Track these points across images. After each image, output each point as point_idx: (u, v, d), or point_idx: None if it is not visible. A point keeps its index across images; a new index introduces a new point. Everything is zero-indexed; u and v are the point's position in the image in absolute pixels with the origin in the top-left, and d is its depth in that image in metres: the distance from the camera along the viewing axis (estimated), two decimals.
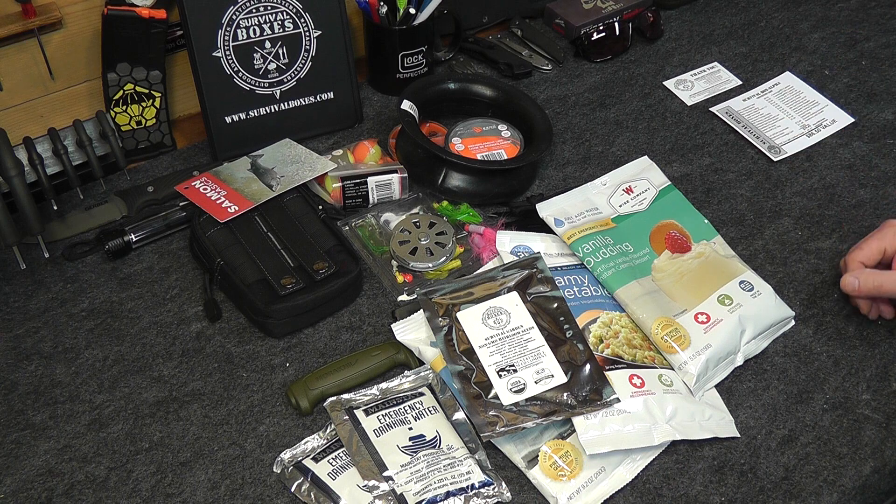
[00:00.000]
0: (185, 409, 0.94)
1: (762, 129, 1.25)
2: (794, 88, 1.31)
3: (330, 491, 0.84)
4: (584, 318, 0.96)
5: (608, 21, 1.38)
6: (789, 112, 1.28)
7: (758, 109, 1.28)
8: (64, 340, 1.01)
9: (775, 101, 1.29)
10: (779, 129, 1.25)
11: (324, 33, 1.19)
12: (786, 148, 1.22)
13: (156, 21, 1.12)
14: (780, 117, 1.27)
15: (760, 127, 1.25)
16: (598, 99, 1.31)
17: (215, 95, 1.18)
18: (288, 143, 1.18)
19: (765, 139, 1.23)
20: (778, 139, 1.23)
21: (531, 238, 1.05)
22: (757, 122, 1.26)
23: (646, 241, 1.04)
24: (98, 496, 0.87)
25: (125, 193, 1.15)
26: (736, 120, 1.26)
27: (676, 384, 0.92)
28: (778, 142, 1.23)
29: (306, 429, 0.92)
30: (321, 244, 1.04)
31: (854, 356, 0.98)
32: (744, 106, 1.29)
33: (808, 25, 1.44)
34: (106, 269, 1.08)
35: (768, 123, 1.26)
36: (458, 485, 0.84)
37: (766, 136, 1.24)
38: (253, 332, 1.01)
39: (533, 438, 0.88)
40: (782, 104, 1.29)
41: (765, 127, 1.25)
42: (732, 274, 1.00)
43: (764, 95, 1.31)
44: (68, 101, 1.17)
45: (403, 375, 0.95)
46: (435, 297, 0.97)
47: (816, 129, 1.25)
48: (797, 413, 0.93)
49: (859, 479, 0.88)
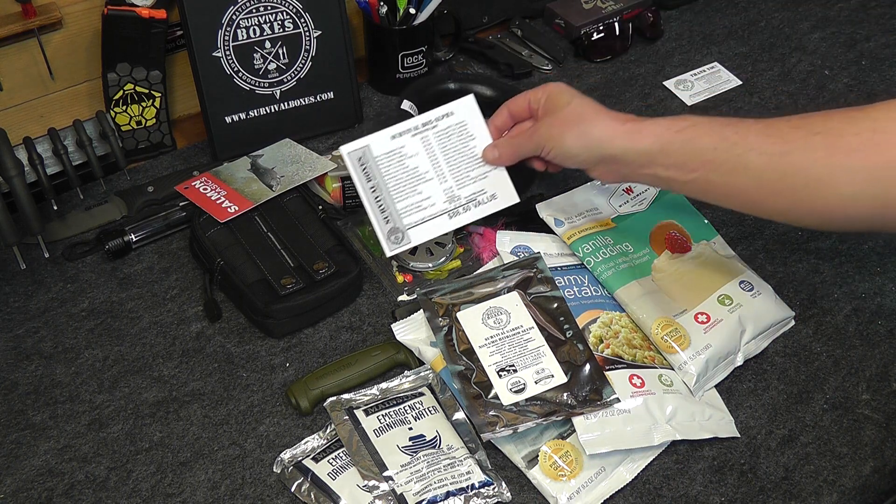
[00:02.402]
0: (185, 409, 0.94)
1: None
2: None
3: (330, 491, 0.84)
4: (584, 318, 0.96)
5: (608, 21, 1.38)
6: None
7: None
8: (64, 340, 1.01)
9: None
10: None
11: (324, 33, 1.19)
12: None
13: (156, 21, 1.12)
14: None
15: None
16: (598, 99, 1.28)
17: (215, 95, 1.18)
18: (288, 143, 1.18)
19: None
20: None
21: (531, 238, 1.05)
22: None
23: (646, 241, 1.04)
24: (98, 496, 0.87)
25: (125, 193, 1.15)
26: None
27: (676, 384, 0.92)
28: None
29: (306, 429, 0.92)
30: (321, 244, 1.04)
31: (854, 356, 0.98)
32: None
33: (808, 25, 1.44)
34: (106, 269, 1.08)
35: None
36: (458, 485, 0.84)
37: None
38: (253, 332, 1.01)
39: (533, 438, 0.88)
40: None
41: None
42: (732, 274, 1.00)
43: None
44: (68, 101, 1.17)
45: (403, 375, 0.95)
46: (435, 297, 0.97)
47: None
48: (797, 413, 0.93)
49: (859, 479, 0.88)
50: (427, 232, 1.00)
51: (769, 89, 1.32)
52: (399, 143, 0.99)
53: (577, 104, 0.92)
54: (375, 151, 0.99)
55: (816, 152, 0.80)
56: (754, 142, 0.82)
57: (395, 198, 0.98)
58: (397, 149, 0.99)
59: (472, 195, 1.00)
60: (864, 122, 0.79)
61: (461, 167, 1.00)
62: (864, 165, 0.78)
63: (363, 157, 0.98)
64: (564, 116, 0.92)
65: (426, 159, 1.00)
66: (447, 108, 1.01)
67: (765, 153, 0.82)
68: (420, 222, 0.99)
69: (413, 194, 0.99)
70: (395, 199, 0.98)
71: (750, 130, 0.83)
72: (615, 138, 0.89)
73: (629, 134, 0.89)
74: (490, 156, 0.99)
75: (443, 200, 1.00)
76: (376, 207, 0.98)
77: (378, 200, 0.98)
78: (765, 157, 0.82)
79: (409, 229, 0.99)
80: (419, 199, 0.99)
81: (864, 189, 0.79)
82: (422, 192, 0.99)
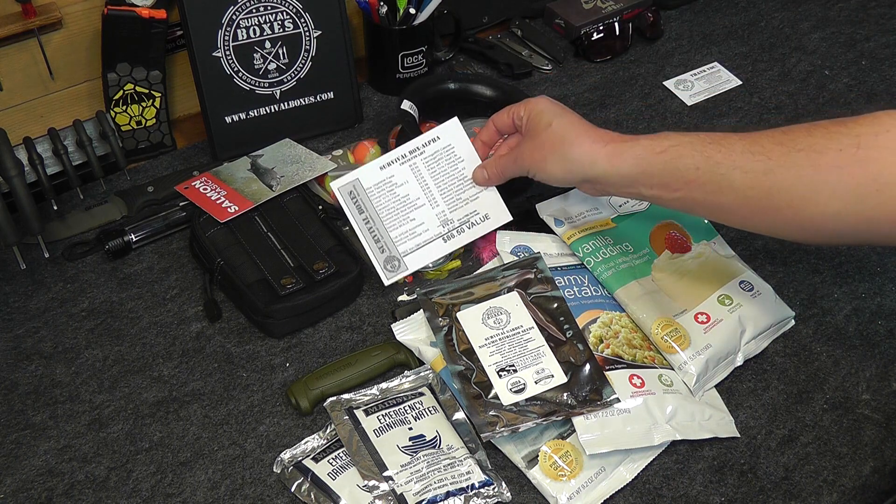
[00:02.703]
0: (185, 409, 0.94)
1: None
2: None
3: (330, 491, 0.84)
4: (584, 318, 0.96)
5: (608, 21, 1.38)
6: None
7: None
8: (64, 340, 1.01)
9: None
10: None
11: (324, 33, 1.19)
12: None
13: (156, 21, 1.12)
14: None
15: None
16: (598, 99, 1.31)
17: (215, 95, 1.18)
18: (288, 143, 1.18)
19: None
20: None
21: (531, 238, 1.05)
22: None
23: (646, 241, 1.04)
24: (98, 496, 0.87)
25: (125, 193, 1.15)
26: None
27: (676, 384, 0.92)
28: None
29: (306, 429, 0.92)
30: (321, 244, 1.04)
31: (854, 356, 0.98)
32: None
33: (808, 25, 1.44)
34: (106, 269, 1.08)
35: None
36: (458, 485, 0.84)
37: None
38: (253, 332, 1.01)
39: (533, 438, 0.88)
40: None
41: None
42: (732, 274, 1.00)
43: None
44: (68, 101, 1.17)
45: (403, 375, 0.95)
46: (435, 297, 0.97)
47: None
48: (797, 413, 0.93)
49: (859, 479, 0.88)
50: (423, 258, 1.02)
51: (769, 89, 1.32)
52: (388, 172, 1.01)
53: (558, 126, 0.93)
54: (365, 183, 1.01)
55: (800, 169, 0.79)
56: (738, 160, 0.82)
57: (388, 227, 1.00)
58: (387, 178, 1.01)
59: (464, 217, 1.03)
60: (847, 137, 0.78)
61: (452, 190, 1.02)
62: (848, 182, 0.77)
63: (353, 191, 1.00)
64: (545, 140, 0.93)
65: (416, 186, 1.02)
66: (433, 134, 1.03)
67: (748, 171, 0.82)
68: (415, 249, 1.01)
69: (406, 222, 1.01)
70: (389, 228, 1.01)
71: (734, 148, 0.83)
72: (596, 162, 0.90)
73: (610, 157, 0.89)
74: (480, 177, 1.02)
75: (436, 225, 1.02)
76: (370, 238, 1.00)
77: (372, 231, 1.00)
78: (749, 176, 0.82)
79: (405, 256, 1.01)
80: (413, 226, 1.01)
81: (848, 206, 0.78)
82: (415, 218, 1.01)
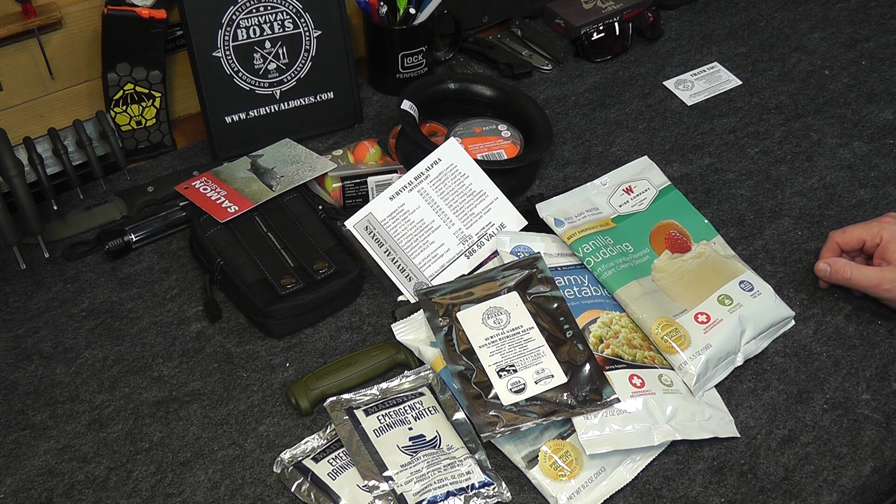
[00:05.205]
0: (185, 409, 0.94)
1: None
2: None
3: (330, 491, 0.84)
4: (584, 318, 0.96)
5: (608, 21, 1.38)
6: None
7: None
8: (64, 340, 1.01)
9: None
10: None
11: (324, 33, 1.19)
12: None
13: (156, 21, 1.12)
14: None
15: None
16: (598, 99, 1.31)
17: (215, 95, 1.18)
18: (288, 143, 1.18)
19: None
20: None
21: (531, 238, 1.05)
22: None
23: (646, 241, 1.04)
24: (98, 496, 0.87)
25: (125, 193, 1.15)
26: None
27: (676, 384, 0.92)
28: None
29: (306, 429, 0.92)
30: (321, 244, 1.04)
31: (854, 356, 0.98)
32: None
33: (808, 25, 1.44)
34: (106, 269, 1.08)
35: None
36: (458, 485, 0.84)
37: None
38: (253, 332, 1.01)
39: (533, 438, 0.88)
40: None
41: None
42: (732, 274, 1.00)
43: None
44: (68, 101, 1.17)
45: (403, 375, 0.95)
46: (435, 297, 0.97)
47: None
48: (797, 413, 0.93)
49: (859, 479, 0.88)
50: (450, 278, 1.02)
51: (769, 89, 1.33)
52: (399, 201, 1.02)
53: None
54: (379, 216, 1.02)
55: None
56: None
57: (410, 255, 1.01)
58: (398, 208, 1.02)
59: (481, 230, 1.04)
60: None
61: (463, 207, 1.03)
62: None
63: (369, 226, 1.01)
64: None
65: (429, 209, 1.02)
66: (434, 157, 1.04)
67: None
68: (440, 270, 1.02)
69: (426, 246, 1.02)
70: (411, 256, 1.01)
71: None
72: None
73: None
74: (822, 272, 1.02)
75: (456, 243, 1.03)
76: (395, 269, 1.01)
77: (395, 262, 1.01)
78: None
79: (432, 280, 1.02)
80: (434, 249, 1.02)
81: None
82: (434, 241, 1.02)
